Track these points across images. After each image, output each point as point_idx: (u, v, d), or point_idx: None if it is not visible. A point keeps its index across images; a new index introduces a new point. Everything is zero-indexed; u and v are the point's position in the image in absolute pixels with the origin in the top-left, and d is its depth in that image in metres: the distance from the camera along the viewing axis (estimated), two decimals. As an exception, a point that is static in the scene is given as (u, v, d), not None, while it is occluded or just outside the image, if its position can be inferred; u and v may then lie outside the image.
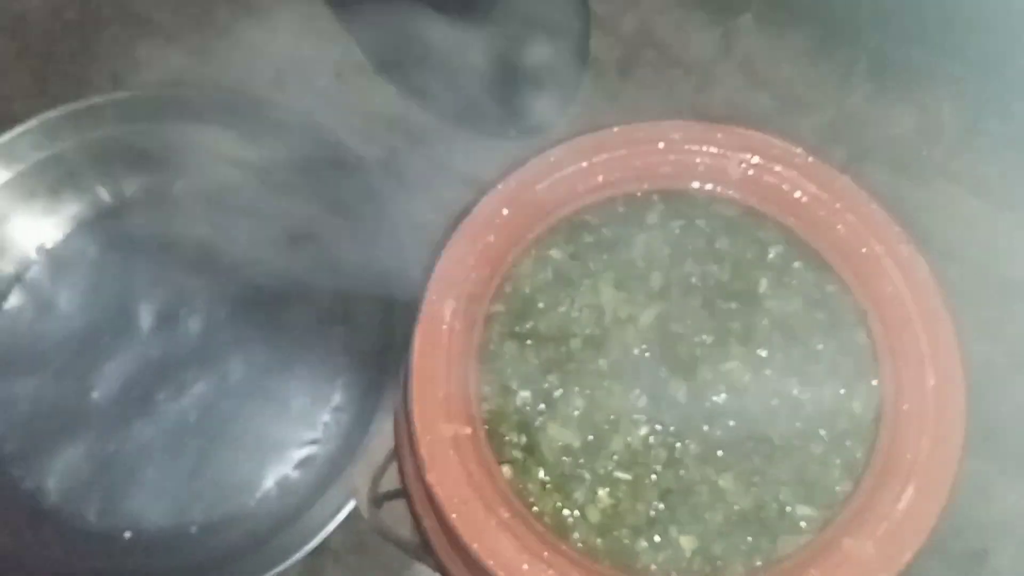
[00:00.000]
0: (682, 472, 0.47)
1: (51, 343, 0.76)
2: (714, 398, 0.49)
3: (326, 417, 0.75)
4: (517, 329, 0.50)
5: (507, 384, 0.48)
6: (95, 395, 0.75)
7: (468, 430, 0.43)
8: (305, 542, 0.67)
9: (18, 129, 0.76)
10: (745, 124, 0.51)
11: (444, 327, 0.45)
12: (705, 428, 0.48)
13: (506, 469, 0.46)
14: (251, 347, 0.76)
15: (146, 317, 0.78)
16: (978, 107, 0.78)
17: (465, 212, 0.47)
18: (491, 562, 0.39)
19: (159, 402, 0.75)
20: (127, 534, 0.72)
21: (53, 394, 0.75)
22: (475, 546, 0.40)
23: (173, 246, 0.79)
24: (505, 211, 0.47)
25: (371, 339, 0.75)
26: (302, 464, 0.74)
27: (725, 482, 0.47)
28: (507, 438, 0.47)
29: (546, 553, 0.40)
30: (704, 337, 0.50)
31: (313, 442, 0.74)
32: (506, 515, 0.41)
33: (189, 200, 0.81)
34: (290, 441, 0.74)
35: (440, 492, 0.41)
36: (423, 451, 0.42)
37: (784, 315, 0.50)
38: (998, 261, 0.75)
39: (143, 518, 0.72)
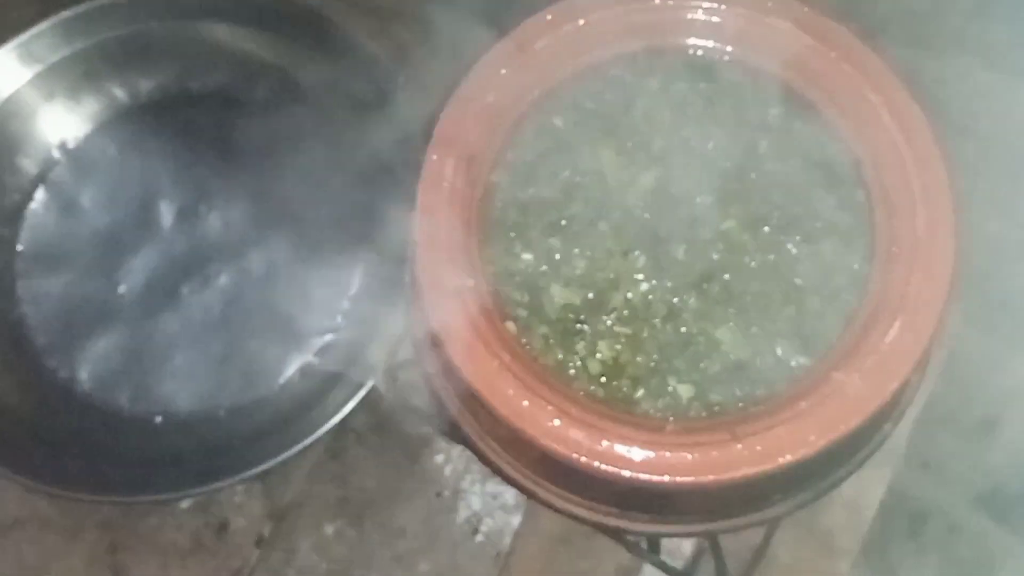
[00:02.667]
0: (681, 326, 0.49)
1: (77, 241, 0.79)
2: (713, 256, 0.50)
3: (345, 305, 0.77)
4: (519, 196, 0.51)
5: (510, 248, 0.50)
6: (122, 289, 0.78)
7: (471, 282, 0.45)
8: (327, 421, 0.70)
9: (34, 30, 0.78)
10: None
11: (446, 184, 0.46)
12: (704, 285, 0.49)
13: (510, 325, 0.48)
14: (270, 241, 0.79)
15: (167, 214, 0.80)
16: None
17: (464, 74, 0.48)
18: (493, 401, 0.41)
19: (184, 295, 0.78)
20: (158, 418, 0.75)
21: (82, 289, 0.78)
22: (478, 386, 0.42)
23: (190, 144, 0.81)
24: (503, 71, 0.48)
25: (387, 228, 0.77)
26: (323, 351, 0.76)
27: (722, 334, 0.48)
28: (511, 297, 0.49)
29: (547, 392, 0.42)
30: (703, 198, 0.51)
31: (332, 330, 0.77)
32: (508, 359, 0.43)
33: (203, 97, 0.82)
34: (311, 329, 0.77)
35: (444, 337, 0.43)
36: (428, 300, 0.43)
37: (783, 175, 0.51)
38: (1012, 134, 0.74)
39: (173, 403, 0.75)
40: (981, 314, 0.69)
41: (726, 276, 0.49)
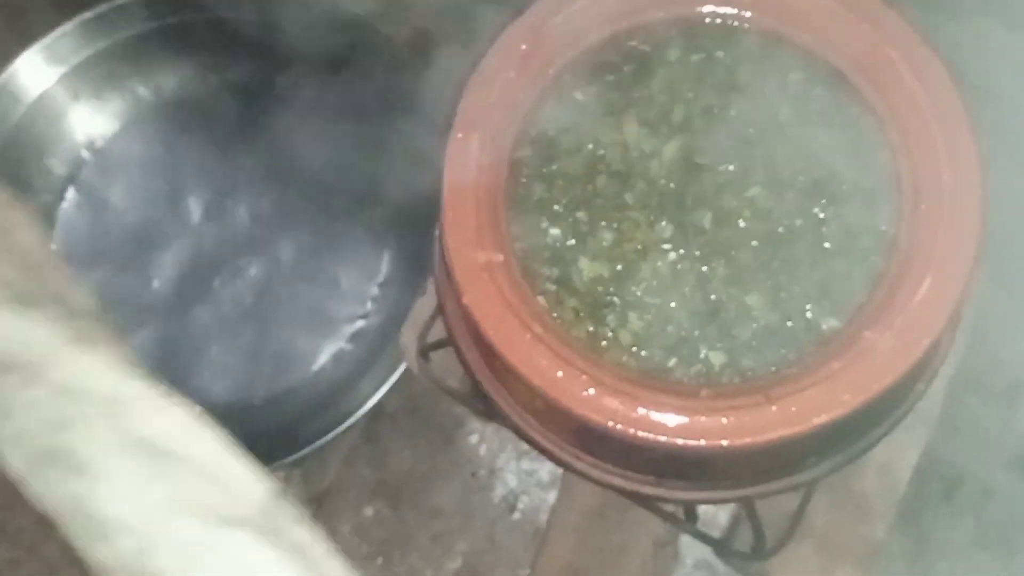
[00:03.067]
0: (710, 293, 0.49)
1: (109, 238, 0.80)
2: (739, 223, 0.50)
3: (374, 291, 0.78)
4: (544, 171, 0.52)
5: (537, 223, 0.50)
6: (155, 284, 0.79)
7: (500, 257, 0.45)
8: (361, 406, 0.71)
9: (57, 32, 0.79)
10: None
11: (472, 162, 0.46)
12: (731, 252, 0.49)
13: (540, 300, 0.48)
14: (298, 231, 0.80)
15: (196, 209, 0.81)
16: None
17: (485, 51, 0.48)
18: (527, 372, 0.42)
19: (216, 288, 0.79)
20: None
21: (116, 286, 0.79)
22: (511, 359, 0.42)
23: (214, 138, 0.82)
24: (523, 46, 0.48)
25: (412, 213, 0.78)
26: (354, 337, 0.77)
27: (752, 300, 0.48)
28: (540, 272, 0.49)
29: (580, 362, 0.43)
30: (727, 166, 0.51)
31: (363, 316, 0.78)
32: (540, 331, 0.43)
33: (225, 91, 0.83)
34: (342, 316, 0.78)
35: (476, 312, 0.43)
36: (458, 276, 0.44)
37: (806, 140, 0.51)
38: None
39: (210, 394, 0.76)
40: (1006, 276, 0.69)
41: (754, 243, 0.49)
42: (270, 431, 0.74)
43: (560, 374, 0.42)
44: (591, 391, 0.42)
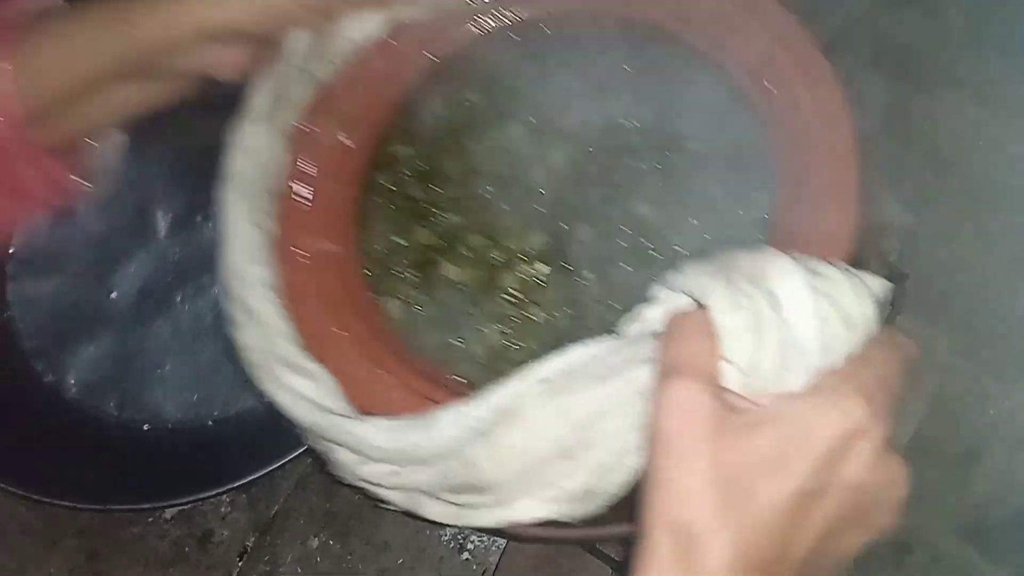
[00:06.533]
0: (578, 310, 0.45)
1: (70, 246, 0.79)
2: (618, 240, 0.46)
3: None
4: (422, 169, 0.49)
5: (407, 222, 0.47)
6: (114, 295, 0.78)
7: (336, 248, 0.42)
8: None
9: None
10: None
11: (336, 155, 0.44)
12: (606, 268, 0.45)
13: (395, 304, 0.45)
14: (264, 250, 0.78)
15: (162, 222, 0.80)
16: (984, 9, 0.74)
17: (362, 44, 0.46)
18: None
19: (177, 303, 0.77)
20: (146, 426, 0.74)
21: (73, 294, 0.78)
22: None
23: (187, 152, 0.82)
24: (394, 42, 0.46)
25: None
26: (310, 358, 0.75)
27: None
28: (400, 275, 0.46)
29: (422, 384, 0.39)
30: (615, 177, 0.47)
31: (318, 337, 0.75)
32: (379, 350, 0.40)
33: (201, 105, 0.83)
34: (299, 338, 0.76)
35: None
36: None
37: (697, 154, 0.47)
38: (1000, 170, 0.71)
39: (162, 411, 0.74)
40: (968, 346, 0.66)
41: (632, 260, 0.45)
42: (220, 453, 0.72)
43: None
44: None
